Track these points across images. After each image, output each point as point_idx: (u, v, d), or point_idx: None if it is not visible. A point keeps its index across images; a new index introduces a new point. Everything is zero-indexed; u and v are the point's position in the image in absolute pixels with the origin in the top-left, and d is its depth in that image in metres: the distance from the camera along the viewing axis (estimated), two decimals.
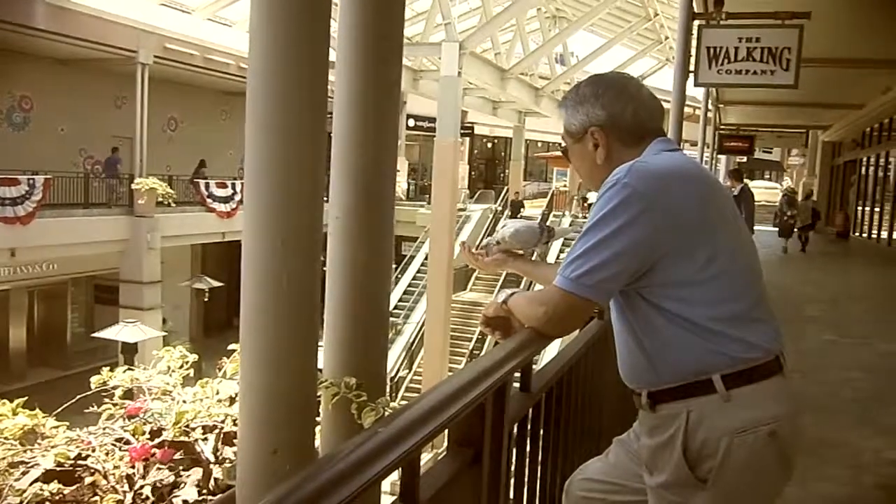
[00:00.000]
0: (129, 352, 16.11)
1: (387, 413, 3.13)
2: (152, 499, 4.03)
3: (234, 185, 21.94)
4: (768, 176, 55.56)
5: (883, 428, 5.35)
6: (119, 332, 16.35)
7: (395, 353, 21.56)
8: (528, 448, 2.13)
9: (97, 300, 22.26)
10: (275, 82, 2.96)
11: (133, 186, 18.89)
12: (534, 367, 2.18)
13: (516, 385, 2.07)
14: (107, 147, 20.62)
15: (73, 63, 19.16)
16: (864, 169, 23.79)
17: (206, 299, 22.13)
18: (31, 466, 4.00)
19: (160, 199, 19.07)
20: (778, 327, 1.92)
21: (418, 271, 25.34)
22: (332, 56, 3.72)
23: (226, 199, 21.71)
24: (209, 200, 21.33)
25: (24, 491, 3.88)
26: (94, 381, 4.57)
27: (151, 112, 19.45)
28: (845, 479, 4.39)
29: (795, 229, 19.52)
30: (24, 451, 4.07)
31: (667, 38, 27.93)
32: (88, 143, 20.87)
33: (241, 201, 21.32)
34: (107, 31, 17.66)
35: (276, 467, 2.84)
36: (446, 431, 1.52)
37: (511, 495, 2.02)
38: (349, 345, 3.62)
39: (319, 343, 3.49)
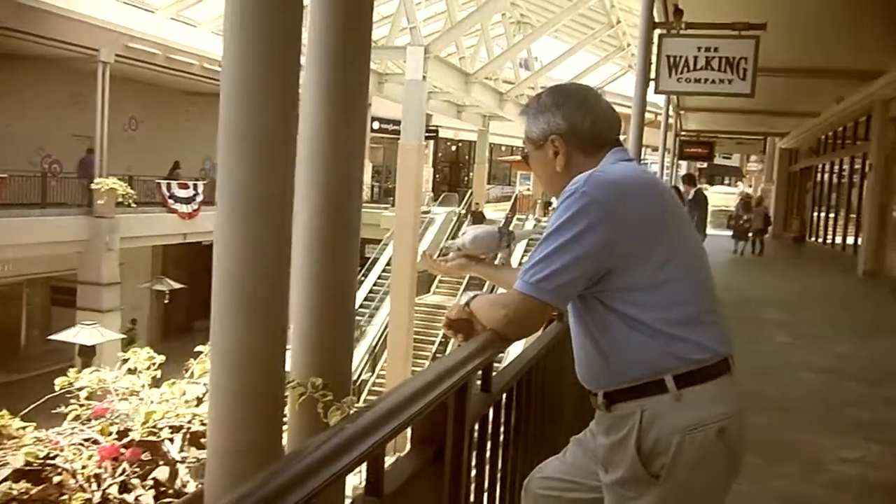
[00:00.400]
0: (87, 354, 15.87)
1: (352, 412, 3.18)
2: (120, 497, 4.03)
3: (195, 186, 21.72)
4: (728, 182, 56.31)
5: (834, 427, 5.49)
6: (77, 335, 16.11)
7: (357, 356, 21.49)
8: (488, 446, 2.18)
9: (54, 302, 21.88)
10: (248, 87, 2.99)
11: (92, 186, 18.62)
12: (497, 365, 2.24)
13: (479, 384, 2.12)
14: (66, 146, 20.33)
15: (31, 60, 18.81)
16: (819, 175, 24.24)
17: (166, 301, 21.90)
18: (1, 466, 3.99)
19: (120, 200, 18.86)
20: (727, 330, 1.99)
21: (381, 274, 25.30)
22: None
23: (187, 200, 21.48)
24: (171, 201, 21.09)
25: None
26: (60, 382, 4.54)
27: (112, 111, 19.15)
28: (798, 477, 4.50)
29: (750, 234, 20.29)
30: None
31: (629, 45, 28.15)
32: (47, 143, 20.54)
33: (203, 202, 21.16)
34: (67, 29, 17.37)
35: (243, 466, 2.87)
36: (409, 429, 1.57)
37: (473, 491, 2.07)
38: (315, 346, 3.65)
39: (287, 346, 3.53)
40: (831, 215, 21.58)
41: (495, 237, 2.42)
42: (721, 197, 37.00)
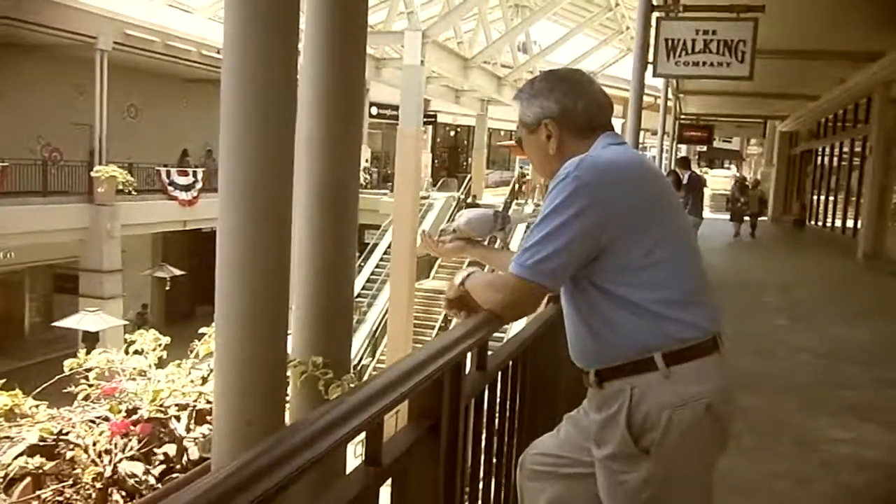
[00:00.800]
0: (91, 341, 15.90)
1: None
2: (130, 471, 4.14)
3: (195, 173, 21.78)
4: (728, 165, 56.19)
5: (829, 408, 5.55)
6: (81, 321, 16.19)
7: (358, 341, 21.58)
8: (485, 422, 2.24)
9: (56, 289, 21.92)
10: (247, 74, 3.04)
11: (92, 174, 18.66)
12: (495, 345, 2.29)
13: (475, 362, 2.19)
14: (66, 134, 20.38)
15: (29, 49, 18.78)
16: (819, 158, 24.23)
17: (167, 288, 21.99)
18: (18, 442, 4.09)
19: (120, 188, 18.92)
20: (716, 309, 2.05)
21: (381, 259, 25.34)
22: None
23: (187, 188, 21.55)
24: (170, 188, 21.17)
25: (9, 465, 3.97)
26: (69, 363, 4.64)
27: (111, 99, 19.20)
28: (793, 457, 4.57)
29: (746, 216, 20.78)
30: (10, 428, 4.16)
31: (628, 28, 28.08)
32: (46, 131, 20.56)
33: (203, 189, 21.20)
34: (65, 17, 17.37)
35: (247, 439, 2.96)
36: (407, 404, 1.64)
37: (469, 465, 2.13)
38: (316, 327, 3.72)
39: (289, 331, 3.60)
40: (831, 198, 21.58)
41: (490, 220, 2.47)
42: (721, 181, 37.01)
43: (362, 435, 1.34)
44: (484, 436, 2.26)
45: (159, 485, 4.18)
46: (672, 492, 1.96)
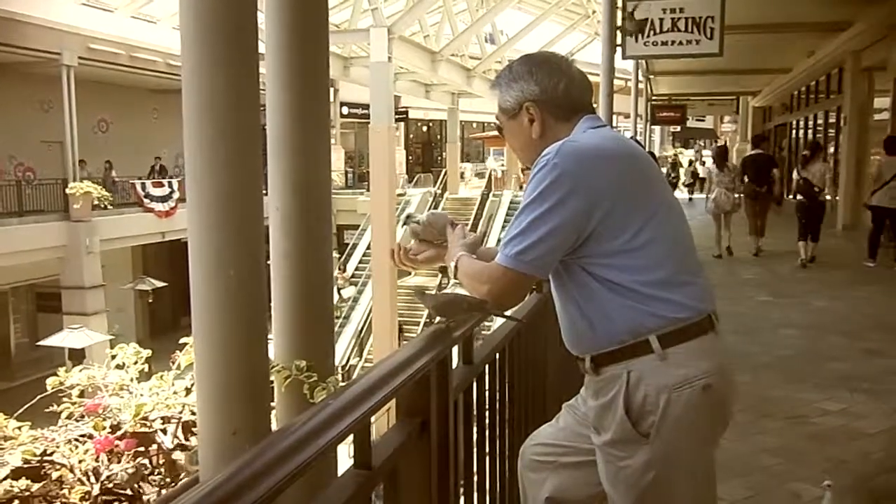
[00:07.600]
0: (77, 358, 15.72)
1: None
2: (119, 488, 4.09)
3: (170, 184, 21.65)
4: (702, 143, 56.50)
5: (816, 380, 5.57)
6: (65, 339, 16.01)
7: (344, 342, 21.54)
8: (475, 416, 2.22)
9: (39, 308, 21.76)
10: (207, 82, 3.00)
11: (67, 191, 18.53)
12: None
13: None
14: (38, 153, 20.20)
15: None
16: (794, 132, 24.34)
17: (150, 300, 21.85)
18: (1, 465, 4.04)
19: (96, 203, 18.79)
20: (708, 287, 2.02)
21: (362, 259, 25.30)
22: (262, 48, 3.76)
23: (163, 199, 21.40)
24: (146, 201, 21.02)
25: None
26: (51, 382, 4.59)
27: (81, 114, 19.06)
28: (782, 431, 4.58)
29: (683, 186, 29.36)
30: None
31: (594, 11, 28.07)
32: (17, 150, 20.38)
33: (179, 199, 21.07)
34: (27, 34, 17.20)
35: (234, 448, 2.93)
36: (394, 402, 1.61)
37: (463, 460, 2.10)
38: (297, 330, 3.70)
39: (269, 336, 3.56)
40: None
41: (446, 218, 2.35)
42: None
43: None
44: (476, 429, 2.24)
45: (149, 499, 4.16)
46: (674, 474, 1.94)
